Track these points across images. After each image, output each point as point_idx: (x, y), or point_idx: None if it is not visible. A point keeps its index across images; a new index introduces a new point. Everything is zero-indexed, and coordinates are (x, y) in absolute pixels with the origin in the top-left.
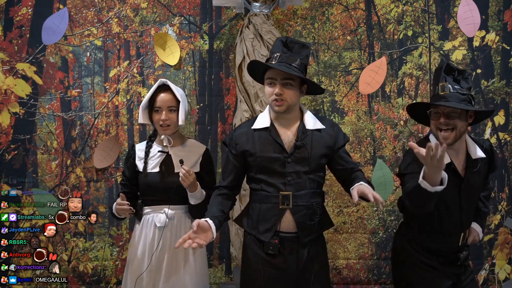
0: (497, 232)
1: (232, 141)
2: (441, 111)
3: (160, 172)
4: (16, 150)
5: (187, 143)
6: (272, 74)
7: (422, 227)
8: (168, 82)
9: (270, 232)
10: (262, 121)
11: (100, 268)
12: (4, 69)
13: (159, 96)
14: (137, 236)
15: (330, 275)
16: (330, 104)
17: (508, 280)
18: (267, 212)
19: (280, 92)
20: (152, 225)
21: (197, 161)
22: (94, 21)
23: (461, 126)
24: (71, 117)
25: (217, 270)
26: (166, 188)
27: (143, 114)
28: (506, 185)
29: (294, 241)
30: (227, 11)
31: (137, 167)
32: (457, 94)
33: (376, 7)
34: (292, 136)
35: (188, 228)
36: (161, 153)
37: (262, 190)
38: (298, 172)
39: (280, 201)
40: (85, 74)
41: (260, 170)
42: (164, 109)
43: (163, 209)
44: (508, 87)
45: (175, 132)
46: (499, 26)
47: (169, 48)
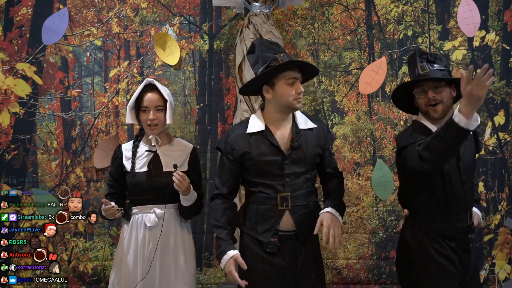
0: (497, 232)
1: (227, 146)
2: (427, 88)
3: (148, 171)
4: (16, 150)
5: (174, 142)
6: (296, 72)
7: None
8: (155, 82)
9: (270, 233)
10: (256, 125)
11: (100, 268)
12: (4, 69)
13: (146, 96)
14: (127, 237)
15: (330, 275)
16: (330, 104)
17: (508, 280)
18: (266, 213)
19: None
20: (141, 225)
21: (185, 160)
22: (94, 21)
23: (447, 100)
24: (71, 117)
25: (217, 270)
26: (154, 187)
27: (130, 114)
28: (506, 185)
29: (292, 239)
30: (227, 11)
31: (125, 167)
32: (437, 70)
33: (376, 7)
34: (287, 137)
35: (177, 227)
36: (149, 153)
37: (260, 192)
38: (296, 173)
39: (279, 202)
40: (85, 74)
41: (258, 173)
42: (151, 109)
43: (152, 208)
44: (508, 87)
45: (162, 132)
46: (499, 26)
47: (169, 48)
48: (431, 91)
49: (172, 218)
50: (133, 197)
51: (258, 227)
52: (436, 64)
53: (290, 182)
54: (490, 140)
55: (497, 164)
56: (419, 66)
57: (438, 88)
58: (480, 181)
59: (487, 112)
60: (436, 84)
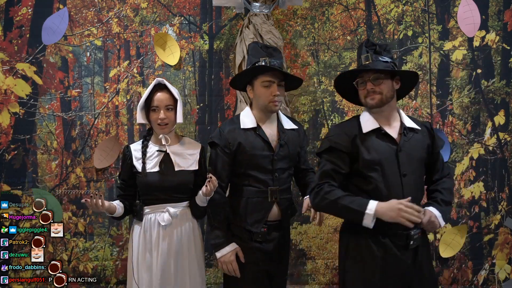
0: (497, 232)
1: (223, 140)
2: (366, 79)
3: (160, 171)
4: (16, 150)
5: (184, 142)
6: (270, 76)
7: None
8: (165, 81)
9: (260, 223)
10: (248, 121)
11: (100, 268)
12: (4, 69)
13: (156, 96)
14: (141, 237)
15: (330, 275)
16: (330, 104)
17: (508, 280)
18: (256, 206)
19: (278, 93)
20: (155, 224)
21: (196, 159)
22: (94, 21)
23: (387, 91)
24: (71, 117)
25: (217, 270)
26: (166, 187)
27: (140, 113)
28: (506, 185)
29: (277, 227)
30: (227, 11)
31: (135, 167)
32: (380, 62)
33: (376, 7)
34: (275, 135)
35: (189, 225)
36: (159, 152)
37: (250, 186)
38: (283, 169)
39: (269, 195)
40: (85, 74)
41: (250, 166)
42: (161, 108)
43: (164, 208)
44: (508, 87)
45: (171, 131)
46: (499, 26)
47: (169, 48)
48: (370, 82)
49: (185, 217)
50: (145, 197)
51: (248, 219)
52: (380, 56)
53: (278, 177)
54: (490, 140)
55: (497, 164)
56: (363, 56)
57: (378, 80)
58: (480, 181)
59: (487, 112)
60: (376, 75)
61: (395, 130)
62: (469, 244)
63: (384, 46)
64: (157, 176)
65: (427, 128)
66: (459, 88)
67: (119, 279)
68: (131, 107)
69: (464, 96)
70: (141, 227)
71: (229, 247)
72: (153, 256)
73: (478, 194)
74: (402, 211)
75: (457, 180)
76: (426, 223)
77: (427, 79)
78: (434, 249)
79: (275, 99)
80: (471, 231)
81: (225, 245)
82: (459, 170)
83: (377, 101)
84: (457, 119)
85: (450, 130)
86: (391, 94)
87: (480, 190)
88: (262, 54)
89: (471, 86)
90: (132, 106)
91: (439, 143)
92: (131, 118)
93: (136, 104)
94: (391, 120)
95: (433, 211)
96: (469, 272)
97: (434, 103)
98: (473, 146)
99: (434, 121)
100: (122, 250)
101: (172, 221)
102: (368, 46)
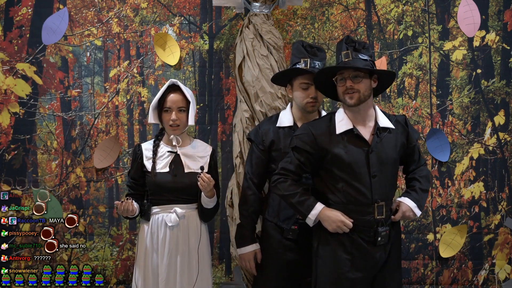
0: (497, 232)
1: (258, 137)
2: (346, 76)
3: (170, 172)
4: (16, 150)
5: (194, 143)
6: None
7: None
8: (178, 83)
9: (291, 220)
10: (285, 120)
11: (100, 268)
12: (4, 69)
13: (169, 96)
14: (148, 237)
15: None
16: (330, 104)
17: (508, 280)
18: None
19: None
20: (162, 225)
21: (207, 162)
22: (94, 21)
23: (364, 90)
24: (71, 117)
25: (217, 270)
26: (175, 188)
27: (153, 114)
28: (506, 185)
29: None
30: (227, 11)
31: (145, 167)
32: (359, 59)
33: (376, 7)
34: None
35: (197, 227)
36: (170, 153)
37: None
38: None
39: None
40: (85, 74)
41: None
42: (174, 110)
43: (172, 208)
44: (508, 87)
45: (183, 132)
46: (499, 26)
47: (169, 48)
48: (349, 79)
49: (192, 218)
50: (153, 196)
51: (281, 215)
52: (360, 53)
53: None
54: (490, 140)
55: (497, 164)
56: (343, 53)
57: (357, 77)
58: (480, 181)
59: (487, 112)
60: (355, 73)
61: (368, 131)
62: (469, 244)
63: (363, 43)
64: (167, 176)
65: (401, 124)
66: (459, 88)
67: (119, 279)
68: (131, 107)
69: (464, 96)
70: (148, 227)
71: (251, 247)
72: (160, 257)
73: (478, 194)
74: (339, 228)
75: (457, 180)
76: (400, 217)
77: (427, 79)
78: (434, 249)
79: (312, 100)
80: (471, 231)
81: (248, 244)
82: (459, 170)
83: (355, 101)
84: (457, 119)
85: (450, 130)
86: (369, 93)
87: (480, 190)
88: (304, 55)
89: (471, 86)
90: (132, 106)
91: (415, 136)
92: (131, 118)
93: (136, 104)
94: (366, 120)
95: (408, 203)
96: (469, 272)
97: (434, 103)
98: (473, 146)
99: (434, 121)
100: (122, 250)
101: (180, 222)
102: (348, 43)
